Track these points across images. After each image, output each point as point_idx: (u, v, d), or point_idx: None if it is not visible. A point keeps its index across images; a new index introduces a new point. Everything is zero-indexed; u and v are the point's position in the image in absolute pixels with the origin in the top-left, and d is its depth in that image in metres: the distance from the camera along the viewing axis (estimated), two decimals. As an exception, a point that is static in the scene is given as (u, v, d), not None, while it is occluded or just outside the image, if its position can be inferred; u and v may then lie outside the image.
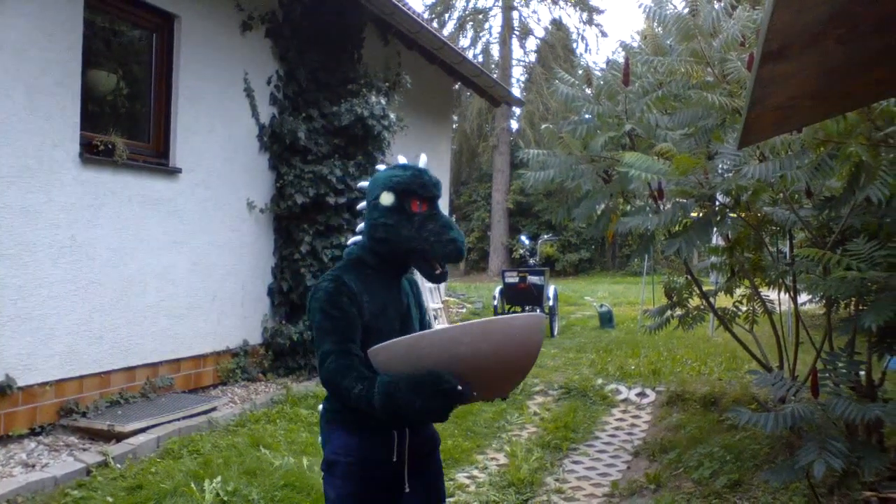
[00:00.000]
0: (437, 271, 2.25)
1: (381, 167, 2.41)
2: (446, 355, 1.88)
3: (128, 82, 6.19)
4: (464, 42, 28.66)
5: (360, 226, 2.39)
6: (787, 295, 4.55)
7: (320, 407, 2.46)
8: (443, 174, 11.87)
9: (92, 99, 5.65)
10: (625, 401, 6.67)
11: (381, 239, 2.23)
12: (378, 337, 2.09)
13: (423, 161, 2.40)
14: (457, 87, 14.96)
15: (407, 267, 2.33)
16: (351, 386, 1.98)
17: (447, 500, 4.19)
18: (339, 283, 2.16)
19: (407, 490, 2.20)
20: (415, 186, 2.24)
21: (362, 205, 2.42)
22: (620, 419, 6.11)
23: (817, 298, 4.37)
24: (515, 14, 28.65)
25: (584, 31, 35.82)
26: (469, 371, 1.89)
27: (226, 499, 4.03)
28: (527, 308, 11.34)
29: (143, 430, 5.03)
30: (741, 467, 4.45)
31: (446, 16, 29.31)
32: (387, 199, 2.23)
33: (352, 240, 2.38)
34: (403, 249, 2.23)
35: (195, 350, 6.42)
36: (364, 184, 2.43)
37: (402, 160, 2.42)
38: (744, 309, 5.05)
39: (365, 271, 2.25)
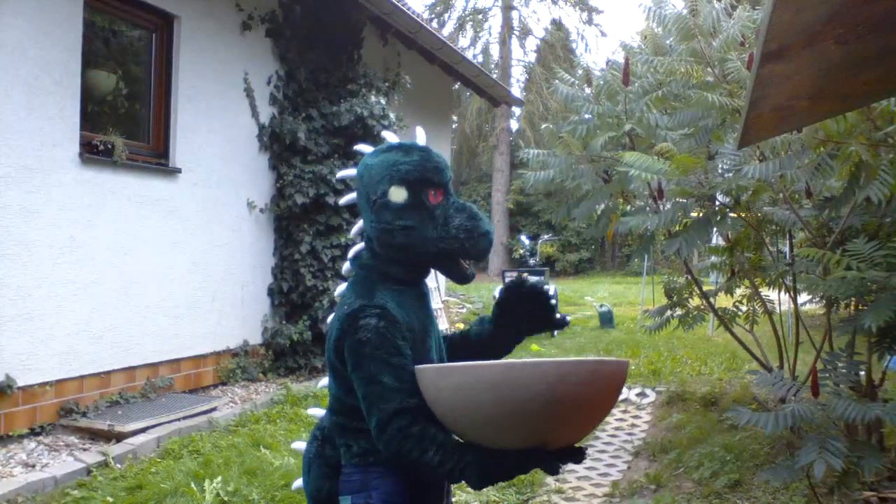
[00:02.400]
0: (468, 270, 1.91)
1: (365, 148, 1.99)
2: (545, 393, 1.56)
3: (127, 82, 6.19)
4: (463, 42, 28.69)
5: (357, 227, 1.99)
6: (788, 295, 4.56)
7: (298, 445, 2.17)
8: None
9: (91, 99, 5.65)
10: (625, 401, 6.67)
11: (402, 246, 1.83)
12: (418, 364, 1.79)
13: (421, 137, 1.99)
14: (456, 86, 14.96)
15: (428, 272, 1.97)
16: (419, 455, 1.68)
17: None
18: (389, 317, 1.75)
19: None
20: (429, 173, 1.84)
21: (349, 198, 2.03)
22: (620, 419, 6.11)
23: (817, 298, 4.38)
24: (515, 14, 28.67)
25: (583, 31, 35.83)
26: (558, 413, 1.60)
27: (226, 499, 4.03)
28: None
29: (143, 430, 5.03)
30: (741, 467, 4.45)
31: (446, 16, 29.33)
32: (398, 194, 1.82)
33: (354, 249, 1.98)
34: (431, 253, 1.85)
35: (195, 350, 6.42)
36: (347, 172, 2.01)
37: (392, 138, 1.99)
38: (744, 309, 5.05)
39: (393, 287, 1.85)
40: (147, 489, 4.11)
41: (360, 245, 1.97)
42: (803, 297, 4.56)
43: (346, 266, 2.01)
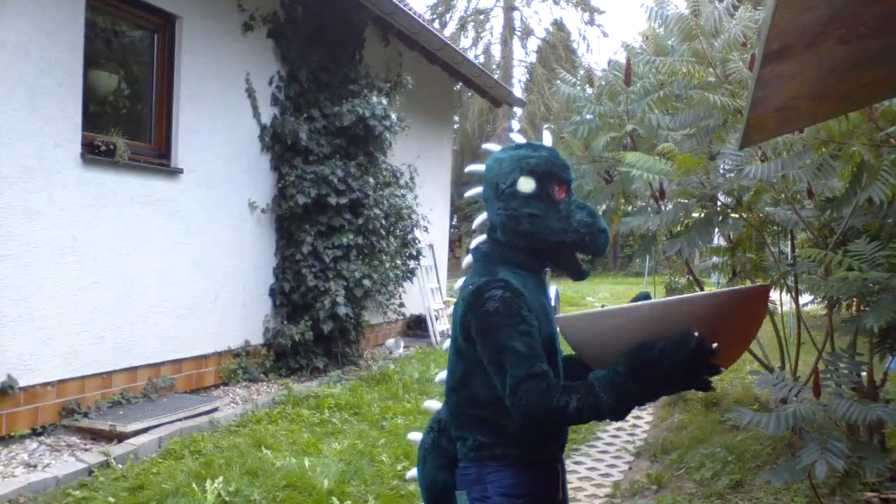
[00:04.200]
0: (584, 267, 2.01)
1: (492, 147, 2.11)
2: (708, 321, 1.59)
3: (129, 82, 6.19)
4: (465, 42, 28.71)
5: (480, 219, 2.10)
6: (789, 295, 4.55)
7: (414, 435, 2.21)
8: (444, 174, 11.88)
9: (93, 99, 5.65)
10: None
11: (527, 233, 1.91)
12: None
13: (547, 139, 2.11)
14: (458, 87, 14.96)
15: (545, 263, 2.02)
16: (564, 403, 1.65)
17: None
18: (513, 289, 1.82)
19: None
20: (556, 169, 1.94)
21: (475, 191, 2.10)
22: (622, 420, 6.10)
23: (819, 299, 4.37)
24: (517, 14, 28.69)
25: (585, 31, 35.79)
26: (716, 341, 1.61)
27: (227, 499, 4.03)
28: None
29: (144, 431, 5.03)
30: (743, 468, 4.44)
31: (447, 16, 29.36)
32: (527, 184, 1.91)
33: (475, 241, 2.06)
34: (552, 243, 1.92)
35: (197, 350, 6.42)
36: (476, 168, 2.11)
37: (520, 139, 2.08)
38: (745, 309, 5.03)
39: (515, 270, 1.92)
40: (148, 489, 4.11)
41: (481, 237, 2.05)
42: (805, 298, 4.55)
43: (466, 259, 2.07)
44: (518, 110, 26.23)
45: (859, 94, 2.58)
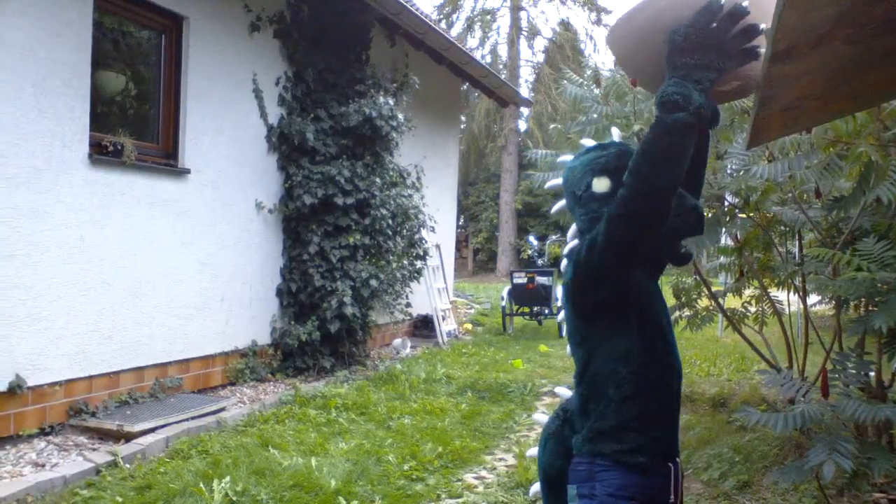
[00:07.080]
0: (683, 249, 1.97)
1: (566, 158, 2.11)
2: None
3: (136, 83, 6.21)
4: (472, 42, 28.69)
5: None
6: (797, 295, 4.54)
7: (539, 416, 2.22)
8: (451, 175, 11.88)
9: (101, 100, 5.67)
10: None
11: None
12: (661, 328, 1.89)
13: (616, 135, 2.12)
14: (465, 87, 14.95)
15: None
16: (663, 126, 1.62)
17: (455, 500, 4.20)
18: None
19: None
20: (627, 161, 1.84)
21: (559, 205, 2.13)
22: (629, 420, 6.09)
23: (827, 299, 4.35)
24: (523, 14, 28.66)
25: (592, 31, 35.63)
26: None
27: (234, 499, 4.04)
28: (535, 309, 11.35)
29: (152, 430, 5.05)
30: (750, 468, 4.43)
31: (454, 16, 29.34)
32: (602, 184, 1.89)
33: (568, 246, 2.02)
34: None
35: (204, 350, 6.44)
36: (554, 182, 2.12)
37: (589, 142, 2.07)
38: (753, 310, 5.03)
39: None
40: (156, 489, 4.13)
41: (574, 242, 2.02)
42: (813, 298, 4.54)
43: (563, 263, 2.04)
44: (525, 110, 26.26)
45: (867, 94, 2.57)
